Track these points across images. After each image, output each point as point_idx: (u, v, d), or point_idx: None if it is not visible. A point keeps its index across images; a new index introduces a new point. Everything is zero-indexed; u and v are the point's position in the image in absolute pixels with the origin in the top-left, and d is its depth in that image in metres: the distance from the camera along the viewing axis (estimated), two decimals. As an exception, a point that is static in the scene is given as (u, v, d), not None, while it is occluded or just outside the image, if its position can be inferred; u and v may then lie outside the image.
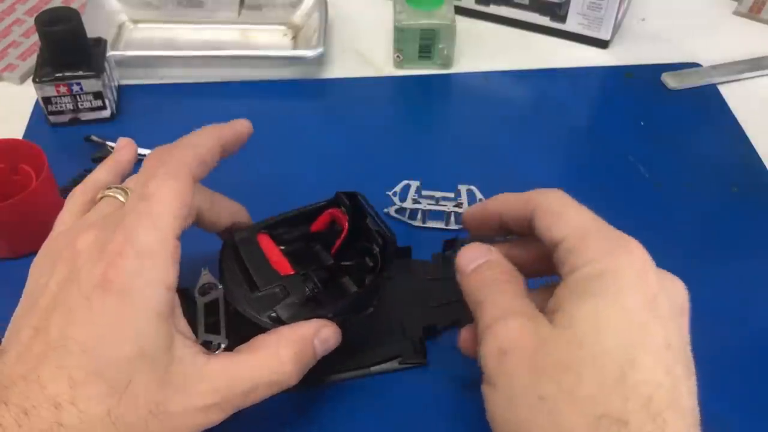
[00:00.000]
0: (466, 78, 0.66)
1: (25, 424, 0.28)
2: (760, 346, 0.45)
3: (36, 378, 0.29)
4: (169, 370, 0.31)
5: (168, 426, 0.31)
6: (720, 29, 0.72)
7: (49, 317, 0.31)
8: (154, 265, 0.31)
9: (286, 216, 0.43)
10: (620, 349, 0.29)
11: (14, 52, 0.65)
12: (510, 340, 0.31)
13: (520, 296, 0.33)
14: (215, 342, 0.38)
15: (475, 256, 0.35)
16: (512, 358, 0.31)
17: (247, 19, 0.69)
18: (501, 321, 0.32)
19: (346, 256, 0.42)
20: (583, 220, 0.33)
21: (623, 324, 0.29)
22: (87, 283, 0.31)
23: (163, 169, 0.33)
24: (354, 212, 0.41)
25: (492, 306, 0.33)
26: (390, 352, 0.43)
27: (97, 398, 0.29)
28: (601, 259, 0.31)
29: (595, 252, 0.31)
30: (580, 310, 0.30)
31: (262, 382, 0.34)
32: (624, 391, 0.28)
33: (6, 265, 0.49)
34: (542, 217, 0.34)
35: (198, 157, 0.35)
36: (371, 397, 0.42)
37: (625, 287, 0.30)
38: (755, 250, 0.51)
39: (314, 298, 0.39)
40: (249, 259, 0.39)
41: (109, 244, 0.31)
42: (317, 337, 0.36)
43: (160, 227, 0.32)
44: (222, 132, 0.37)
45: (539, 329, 0.31)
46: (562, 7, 0.67)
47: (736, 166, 0.58)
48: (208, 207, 0.39)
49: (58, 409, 0.29)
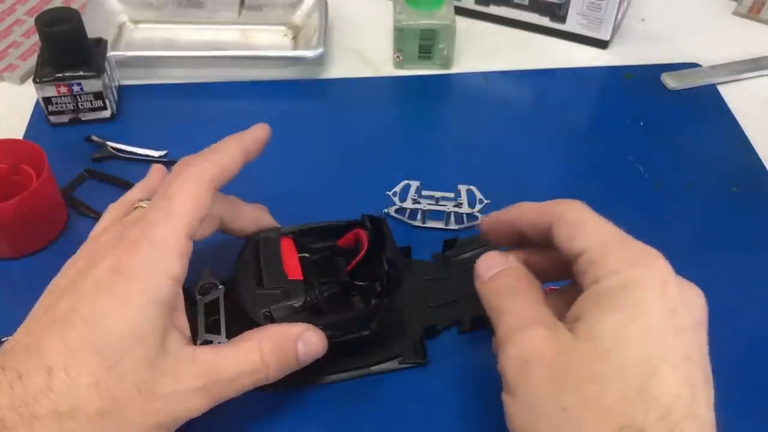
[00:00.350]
0: (466, 78, 0.66)
1: (18, 387, 0.30)
2: (761, 346, 0.45)
3: (37, 346, 0.32)
4: (160, 355, 0.33)
5: (152, 406, 0.32)
6: (719, 29, 0.72)
7: (61, 296, 0.34)
8: (164, 257, 0.34)
9: (314, 226, 0.44)
10: (642, 360, 0.29)
11: (15, 52, 0.65)
12: (532, 350, 0.31)
13: (538, 304, 0.34)
14: (215, 342, 0.38)
15: (494, 263, 0.36)
16: (534, 369, 0.31)
17: (248, 20, 0.69)
18: (521, 331, 0.32)
19: (361, 277, 0.43)
20: (604, 232, 0.33)
21: (645, 336, 0.30)
22: (101, 266, 0.34)
23: (186, 174, 0.36)
24: (375, 236, 0.43)
25: (511, 314, 0.33)
26: (390, 352, 0.43)
27: (88, 368, 0.31)
28: (623, 271, 0.31)
29: (617, 263, 0.31)
30: (603, 321, 0.30)
31: (245, 371, 0.35)
32: (645, 403, 0.28)
33: (7, 265, 0.49)
34: (563, 228, 0.34)
35: (219, 164, 0.37)
36: (371, 397, 0.42)
37: (648, 300, 0.30)
38: (755, 250, 0.51)
39: (315, 308, 0.40)
40: (265, 258, 0.41)
41: (126, 237, 0.34)
42: (300, 339, 0.37)
43: (175, 223, 0.34)
44: (243, 140, 0.40)
45: (561, 340, 0.31)
46: (561, 8, 0.67)
47: (735, 166, 0.58)
48: (232, 214, 0.42)
49: (50, 374, 0.31)
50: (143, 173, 0.54)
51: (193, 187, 0.36)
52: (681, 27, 0.72)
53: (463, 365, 0.43)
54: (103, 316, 0.32)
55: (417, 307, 0.45)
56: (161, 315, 0.33)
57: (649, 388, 0.29)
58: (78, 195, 0.53)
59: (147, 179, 0.44)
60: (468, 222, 0.51)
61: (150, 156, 0.56)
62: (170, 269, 0.34)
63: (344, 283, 0.43)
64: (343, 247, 0.44)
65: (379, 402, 0.42)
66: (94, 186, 0.54)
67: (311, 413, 0.41)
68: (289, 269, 0.41)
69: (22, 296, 0.47)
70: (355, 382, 0.42)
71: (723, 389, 0.42)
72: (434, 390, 0.42)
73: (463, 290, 0.46)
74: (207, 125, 0.60)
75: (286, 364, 0.37)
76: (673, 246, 0.51)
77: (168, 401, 0.33)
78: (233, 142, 0.39)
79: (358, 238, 0.43)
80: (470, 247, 0.48)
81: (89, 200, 0.53)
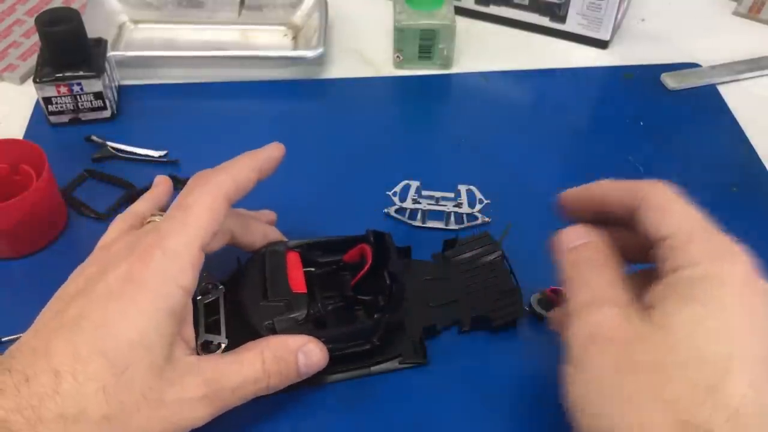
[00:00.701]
0: (466, 78, 0.66)
1: (24, 389, 0.30)
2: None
3: (45, 350, 0.32)
4: (167, 363, 0.34)
5: (158, 414, 0.33)
6: (719, 29, 0.72)
7: (72, 301, 0.34)
8: (176, 266, 0.34)
9: (320, 240, 0.46)
10: (717, 358, 0.28)
11: (15, 52, 0.65)
12: (601, 329, 0.31)
13: (617, 283, 0.33)
14: (215, 342, 0.39)
15: (577, 235, 0.35)
16: (601, 348, 0.30)
17: (248, 20, 0.69)
18: (594, 306, 0.32)
19: (365, 291, 0.44)
20: (690, 220, 0.32)
21: (722, 334, 0.29)
22: (113, 274, 0.34)
23: (202, 188, 0.37)
24: (379, 250, 0.43)
25: (586, 288, 0.33)
26: (390, 352, 0.43)
27: (95, 374, 0.31)
28: (705, 263, 0.30)
29: (700, 254, 0.31)
30: (680, 312, 0.30)
31: (247, 380, 0.36)
32: (713, 401, 0.28)
33: (7, 265, 0.49)
34: (649, 209, 0.33)
35: (235, 181, 0.38)
36: (371, 397, 0.42)
37: (728, 296, 0.30)
38: (755, 250, 0.51)
39: (319, 321, 0.41)
40: (270, 271, 0.42)
41: (140, 245, 0.35)
42: (302, 350, 0.38)
43: (190, 234, 0.35)
44: (257, 158, 0.40)
45: (634, 323, 0.31)
46: (561, 8, 0.67)
47: (735, 166, 0.58)
48: (243, 230, 0.43)
49: (57, 377, 0.31)
50: (143, 173, 0.54)
51: (209, 200, 0.36)
52: (681, 27, 0.72)
53: (463, 365, 0.43)
54: (113, 323, 0.33)
55: (417, 307, 0.45)
56: (170, 324, 0.34)
57: (720, 387, 0.28)
58: (78, 195, 0.53)
59: (152, 190, 0.44)
60: (468, 222, 0.51)
61: (150, 156, 0.56)
62: (182, 279, 0.34)
63: (348, 297, 0.44)
64: (349, 262, 0.45)
65: (379, 402, 0.42)
66: (94, 186, 0.54)
67: (311, 413, 0.41)
68: (294, 282, 0.42)
69: (22, 296, 0.47)
70: (355, 382, 0.42)
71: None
72: (434, 390, 0.42)
73: (463, 290, 0.46)
74: (207, 125, 0.60)
75: (287, 375, 0.38)
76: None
77: (173, 409, 0.33)
78: (248, 160, 0.40)
79: (363, 253, 0.44)
80: (470, 247, 0.48)
81: (89, 200, 0.53)
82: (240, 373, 0.36)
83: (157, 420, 0.33)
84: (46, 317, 0.34)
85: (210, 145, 0.57)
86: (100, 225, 0.51)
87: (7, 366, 0.31)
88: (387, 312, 0.42)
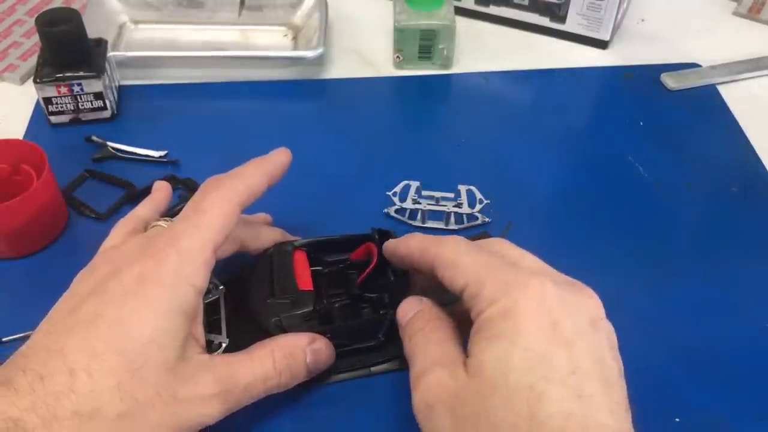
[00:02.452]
0: (466, 78, 0.66)
1: (39, 388, 0.30)
2: (761, 346, 0.45)
3: (59, 348, 0.32)
4: (180, 361, 0.34)
5: (171, 410, 0.33)
6: (719, 29, 0.72)
7: (85, 300, 0.34)
8: (190, 266, 0.35)
9: (327, 239, 0.46)
10: (525, 387, 0.29)
11: (15, 52, 0.65)
12: (432, 394, 0.32)
13: (445, 343, 0.34)
14: (216, 341, 0.39)
15: (410, 307, 0.37)
16: (438, 411, 0.31)
17: (248, 20, 0.69)
18: (425, 375, 0.33)
19: (371, 289, 0.44)
20: (479, 265, 0.33)
21: (525, 361, 0.29)
22: (127, 273, 0.34)
23: (218, 192, 0.37)
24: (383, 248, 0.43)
25: (419, 357, 0.34)
26: (390, 352, 0.43)
27: (111, 371, 0.32)
28: (501, 299, 0.31)
29: (494, 293, 0.31)
30: (486, 354, 0.31)
31: (259, 378, 0.36)
32: (537, 428, 0.28)
33: (7, 266, 0.49)
34: (441, 268, 0.35)
35: (248, 187, 0.38)
36: (371, 397, 0.42)
37: (523, 323, 0.30)
38: (754, 250, 0.51)
39: (325, 318, 0.42)
40: (277, 269, 0.43)
41: (153, 246, 0.35)
42: (309, 347, 0.39)
43: (203, 236, 0.36)
44: (267, 165, 0.41)
45: (459, 378, 0.31)
46: (561, 8, 0.67)
47: (735, 167, 0.58)
48: (253, 237, 0.44)
49: (72, 375, 0.31)
50: (143, 173, 0.54)
51: (224, 204, 0.37)
52: (681, 27, 0.72)
53: (463, 365, 0.43)
54: (128, 321, 0.33)
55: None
56: (183, 322, 0.34)
57: (538, 414, 0.28)
58: (78, 195, 0.53)
59: (153, 195, 0.45)
60: (468, 222, 0.52)
61: (150, 156, 0.56)
62: (195, 279, 0.35)
63: (355, 295, 0.44)
64: (356, 260, 0.45)
65: (379, 402, 0.42)
66: (94, 186, 0.54)
67: (311, 413, 0.41)
68: (300, 280, 0.42)
69: (22, 296, 0.47)
70: (355, 382, 0.42)
71: (723, 389, 0.43)
72: (434, 390, 0.42)
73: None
74: (207, 125, 0.60)
75: (296, 373, 0.38)
76: (673, 246, 0.51)
77: (186, 406, 0.34)
78: (259, 166, 0.40)
79: (370, 252, 0.44)
80: (470, 247, 0.48)
81: (89, 200, 0.53)
82: (251, 371, 0.36)
83: (171, 416, 0.33)
84: (58, 316, 0.34)
85: (210, 145, 0.57)
86: (100, 225, 0.51)
87: (21, 366, 0.31)
88: (391, 308, 0.42)
